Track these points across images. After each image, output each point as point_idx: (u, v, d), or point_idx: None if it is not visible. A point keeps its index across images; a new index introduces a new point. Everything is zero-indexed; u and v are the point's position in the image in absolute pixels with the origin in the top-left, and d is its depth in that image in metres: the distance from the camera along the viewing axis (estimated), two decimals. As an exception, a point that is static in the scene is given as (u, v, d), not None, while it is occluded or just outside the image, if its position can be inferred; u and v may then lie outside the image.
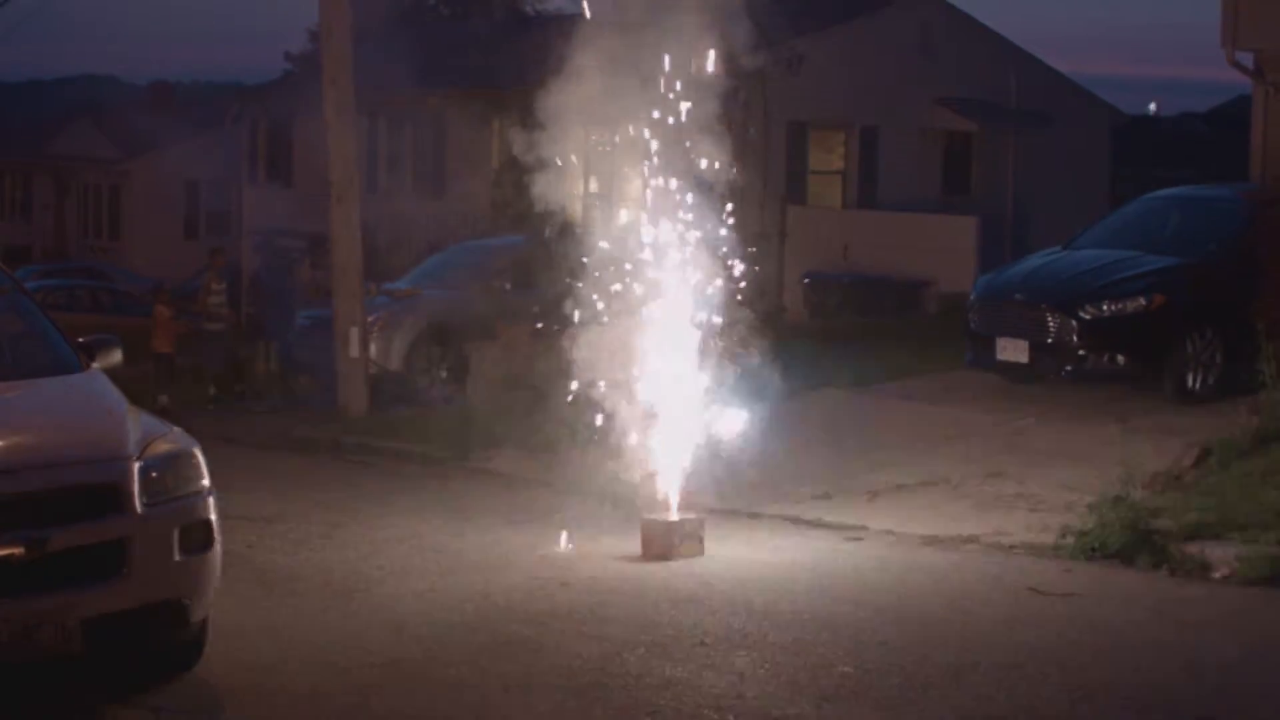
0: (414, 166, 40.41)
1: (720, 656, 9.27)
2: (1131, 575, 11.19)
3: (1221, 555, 11.19)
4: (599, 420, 12.19)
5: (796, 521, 12.87)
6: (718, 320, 12.13)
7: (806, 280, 30.65)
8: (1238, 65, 20.02)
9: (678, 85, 11.92)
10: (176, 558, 8.31)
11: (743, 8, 12.00)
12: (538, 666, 9.14)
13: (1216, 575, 11.03)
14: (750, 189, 12.16)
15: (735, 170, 12.17)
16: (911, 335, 22.65)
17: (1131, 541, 11.47)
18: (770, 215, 30.62)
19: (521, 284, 20.41)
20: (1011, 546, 12.01)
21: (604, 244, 12.08)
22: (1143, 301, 16.30)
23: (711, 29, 11.90)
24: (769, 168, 32.39)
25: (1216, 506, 12.20)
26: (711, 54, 11.96)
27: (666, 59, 11.88)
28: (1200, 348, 16.25)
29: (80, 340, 9.77)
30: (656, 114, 11.95)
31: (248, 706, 8.60)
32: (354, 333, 19.57)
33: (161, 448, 8.49)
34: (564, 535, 12.27)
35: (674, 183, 12.01)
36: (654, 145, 11.95)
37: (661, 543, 11.73)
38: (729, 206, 12.16)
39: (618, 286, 12.06)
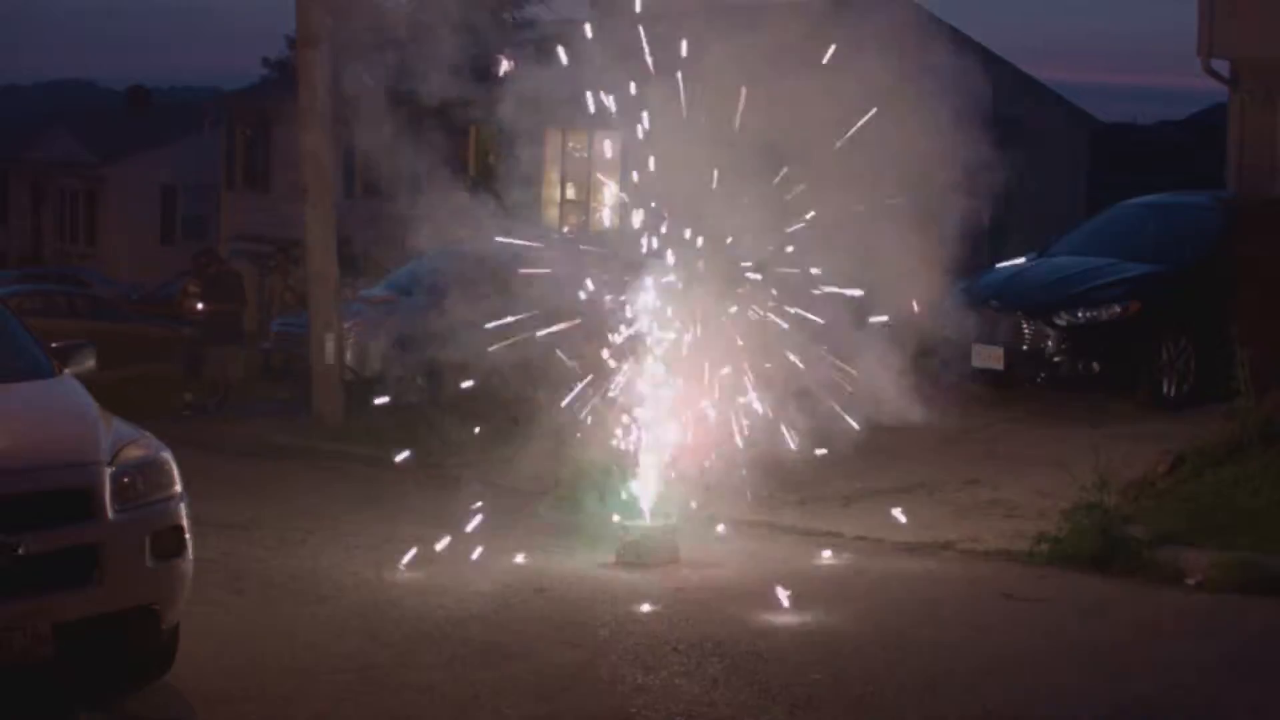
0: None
1: (693, 663, 9.27)
2: (1105, 581, 11.19)
3: (1195, 562, 11.20)
4: (577, 429, 12.18)
5: (771, 528, 12.87)
6: (695, 328, 12.13)
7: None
8: (1213, 73, 20.09)
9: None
10: (148, 563, 8.28)
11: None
12: (511, 673, 9.12)
13: (1190, 582, 11.04)
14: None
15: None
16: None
17: (1105, 548, 11.48)
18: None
19: (500, 292, 20.30)
20: (986, 553, 12.03)
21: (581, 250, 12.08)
22: (1118, 309, 16.33)
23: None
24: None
25: (1190, 513, 12.22)
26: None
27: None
28: (1176, 355, 16.29)
29: (54, 345, 9.75)
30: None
31: (220, 713, 8.57)
32: (329, 339, 19.53)
33: (133, 453, 8.47)
34: (538, 541, 12.25)
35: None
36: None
37: (636, 550, 11.72)
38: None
39: (597, 294, 12.07)
